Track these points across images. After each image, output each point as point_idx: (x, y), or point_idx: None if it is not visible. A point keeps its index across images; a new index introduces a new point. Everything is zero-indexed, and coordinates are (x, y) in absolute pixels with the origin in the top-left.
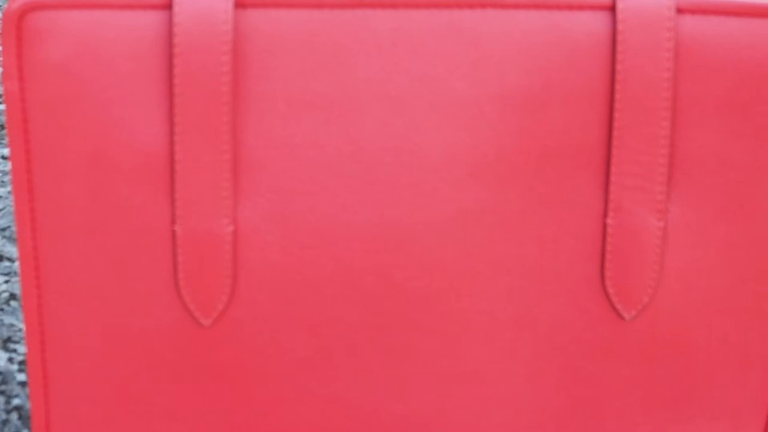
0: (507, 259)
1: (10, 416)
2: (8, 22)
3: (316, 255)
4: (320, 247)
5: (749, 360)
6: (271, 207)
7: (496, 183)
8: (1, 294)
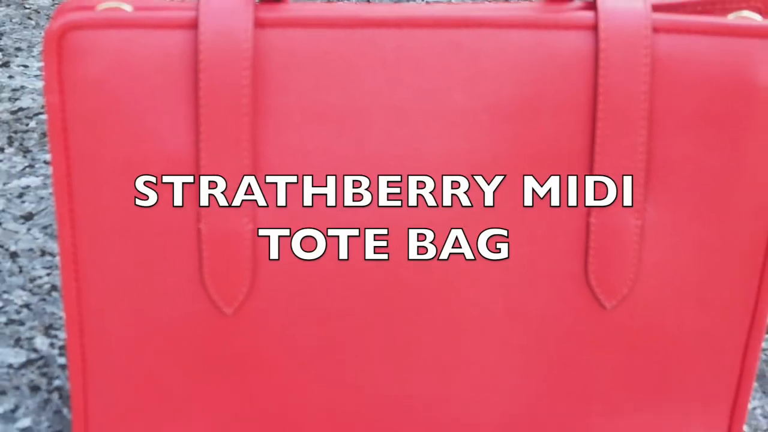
0: (500, 259)
1: (51, 396)
2: (50, 40)
3: (330, 251)
4: (333, 243)
5: (718, 347)
6: (288, 208)
7: (491, 187)
8: (44, 285)
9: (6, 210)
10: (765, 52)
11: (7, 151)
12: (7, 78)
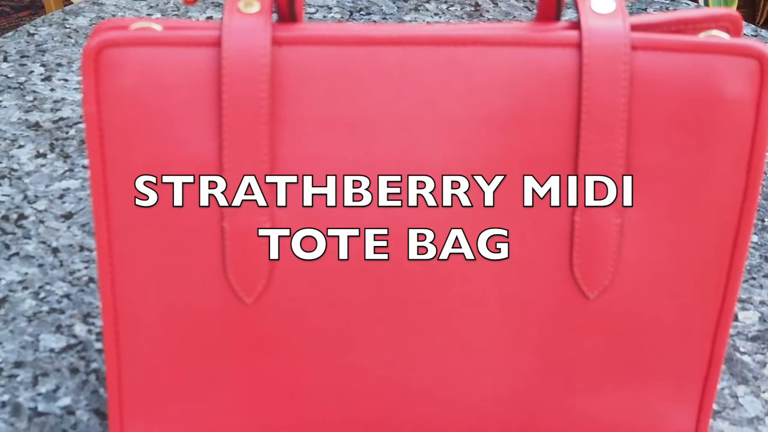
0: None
1: (89, 377)
2: (87, 57)
3: (340, 245)
4: (343, 239)
5: (690, 333)
6: (303, 208)
7: (484, 188)
8: (82, 277)
9: (48, 210)
10: (731, 67)
11: (49, 157)
12: (49, 91)
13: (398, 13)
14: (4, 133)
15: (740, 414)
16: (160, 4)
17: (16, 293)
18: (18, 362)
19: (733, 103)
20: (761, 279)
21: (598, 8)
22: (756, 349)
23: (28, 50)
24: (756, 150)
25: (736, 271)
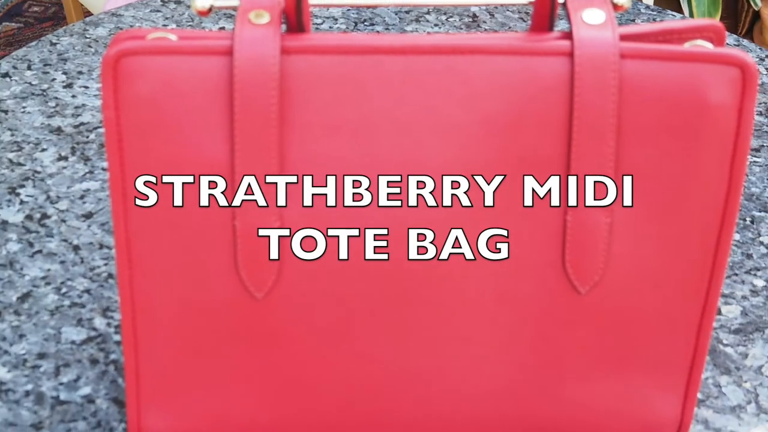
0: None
1: (108, 368)
2: (107, 65)
3: (346, 243)
4: (349, 237)
5: (676, 326)
6: (310, 207)
7: (482, 190)
8: (102, 273)
9: (69, 210)
10: (715, 75)
11: (70, 160)
12: (70, 97)
13: (400, 24)
14: (28, 137)
15: (723, 402)
16: (175, 15)
17: (39, 288)
18: (41, 353)
19: (717, 109)
20: (743, 275)
21: (589, 19)
22: (738, 341)
23: (50, 59)
24: (738, 153)
25: (720, 267)
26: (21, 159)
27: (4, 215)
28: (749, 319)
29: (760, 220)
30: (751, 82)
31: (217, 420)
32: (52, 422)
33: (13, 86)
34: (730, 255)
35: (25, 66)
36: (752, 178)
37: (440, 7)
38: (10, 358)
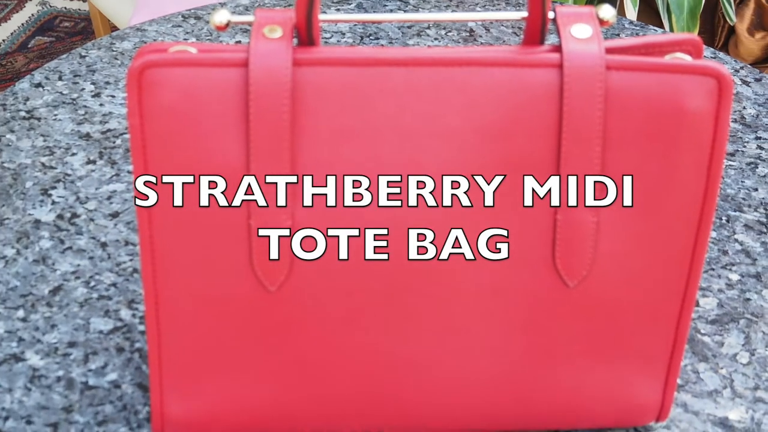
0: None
1: (133, 355)
2: (132, 76)
3: (352, 241)
4: (356, 235)
5: (657, 317)
6: (319, 207)
7: (479, 191)
8: (127, 268)
9: (97, 209)
10: (693, 85)
11: (98, 163)
12: (98, 106)
13: (403, 38)
14: (59, 142)
15: (701, 387)
16: (195, 30)
17: (69, 282)
18: (71, 342)
19: (695, 117)
20: (719, 270)
21: (577, 34)
22: (715, 331)
23: (80, 70)
24: (715, 157)
25: (698, 262)
26: (53, 163)
27: (37, 215)
28: (725, 310)
29: (735, 219)
30: (726, 91)
31: (234, 403)
32: (81, 406)
33: (45, 95)
34: (707, 251)
35: (56, 77)
36: (728, 180)
37: (440, 23)
38: (42, 347)
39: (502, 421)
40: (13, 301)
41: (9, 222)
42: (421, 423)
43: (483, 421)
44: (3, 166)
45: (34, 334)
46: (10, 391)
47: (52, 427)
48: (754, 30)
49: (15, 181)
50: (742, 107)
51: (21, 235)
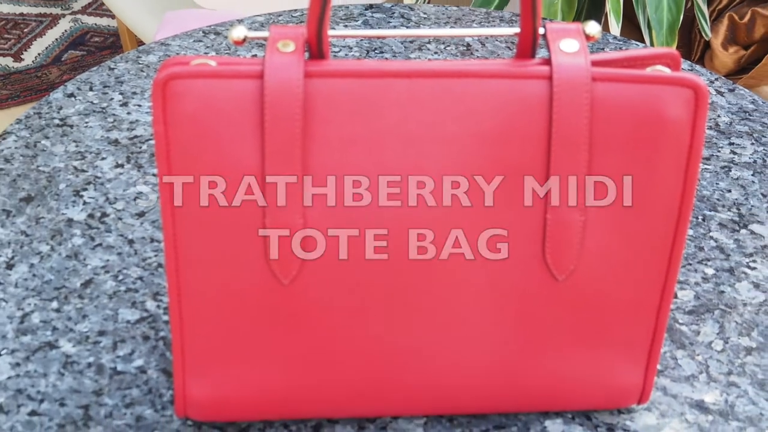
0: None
1: (158, 343)
2: (157, 87)
3: (359, 238)
4: (361, 233)
5: (639, 308)
6: (329, 208)
7: (475, 192)
8: (152, 263)
9: (125, 209)
10: (672, 95)
11: (126, 167)
12: (126, 114)
13: (405, 52)
14: (90, 147)
15: (679, 373)
16: (214, 44)
17: (99, 276)
18: (101, 331)
19: (673, 124)
20: (696, 265)
21: (565, 48)
22: (691, 321)
23: (109, 81)
24: (692, 161)
25: (676, 258)
26: (84, 166)
27: (69, 214)
28: (701, 302)
29: (710, 218)
30: (702, 101)
31: (249, 387)
32: (110, 389)
33: (77, 104)
34: (685, 248)
35: (87, 87)
36: (704, 183)
37: (439, 38)
38: (74, 335)
39: (497, 403)
40: (48, 294)
41: (44, 221)
42: (420, 407)
43: (478, 404)
44: (38, 169)
45: (67, 323)
46: (45, 376)
47: (83, 409)
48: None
49: (49, 183)
50: (717, 115)
51: (55, 233)
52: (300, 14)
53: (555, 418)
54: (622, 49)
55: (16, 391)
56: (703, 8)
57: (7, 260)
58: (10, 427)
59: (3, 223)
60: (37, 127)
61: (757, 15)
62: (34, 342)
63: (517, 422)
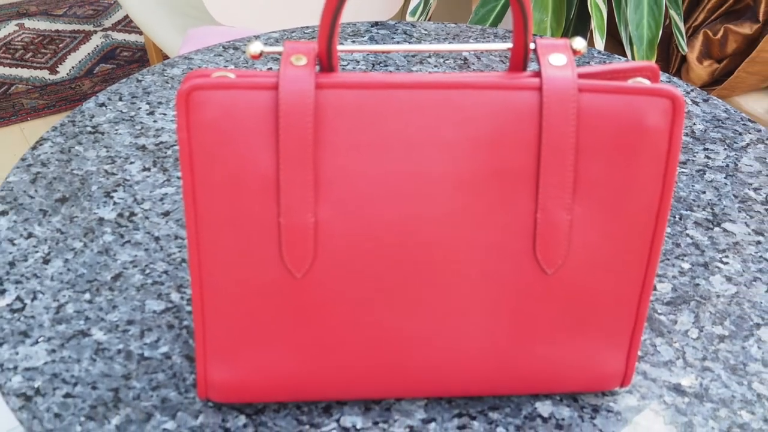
0: (477, 241)
1: (181, 331)
2: (181, 97)
3: (365, 236)
4: (368, 231)
5: (621, 299)
6: (337, 207)
7: (470, 194)
8: (176, 258)
9: (152, 209)
10: (651, 105)
11: (152, 170)
12: (152, 122)
13: (408, 65)
14: (119, 152)
15: (658, 358)
16: (233, 58)
17: (128, 270)
18: (130, 320)
19: (653, 131)
20: (673, 260)
21: (554, 62)
22: (669, 311)
23: (137, 92)
24: (669, 165)
25: (655, 253)
26: (114, 170)
27: (101, 213)
28: (678, 293)
29: (687, 217)
30: (679, 110)
31: (265, 371)
32: (138, 374)
33: (108, 113)
34: (663, 244)
35: (117, 97)
36: (680, 185)
37: (438, 52)
38: (105, 324)
39: (491, 386)
40: (81, 286)
41: (77, 219)
42: (422, 389)
43: (474, 388)
44: (72, 172)
45: (98, 313)
46: (78, 362)
47: (113, 392)
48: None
49: (83, 185)
50: (693, 123)
51: (87, 231)
52: (312, 31)
53: (545, 400)
54: (606, 62)
55: (52, 375)
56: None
57: (44, 255)
58: (46, 408)
59: (40, 221)
60: (71, 134)
61: (730, 32)
62: (68, 330)
63: (510, 404)
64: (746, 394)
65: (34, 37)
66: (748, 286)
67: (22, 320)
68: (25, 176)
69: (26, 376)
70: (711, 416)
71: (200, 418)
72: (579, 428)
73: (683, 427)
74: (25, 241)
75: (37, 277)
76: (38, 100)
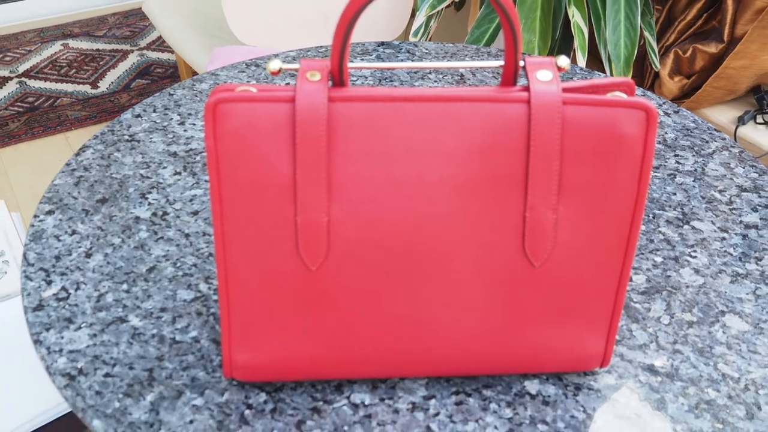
0: (473, 237)
1: (209, 318)
2: (208, 109)
3: (373, 234)
4: (375, 229)
5: (601, 289)
6: (348, 208)
7: (467, 196)
8: (205, 253)
9: (182, 209)
10: (628, 116)
11: (183, 174)
12: (183, 131)
13: (411, 80)
14: (153, 158)
15: (633, 342)
16: (255, 74)
17: (161, 263)
18: (162, 308)
19: (629, 139)
20: (647, 254)
21: (541, 77)
22: (644, 300)
23: (169, 105)
24: (644, 169)
25: (631, 248)
26: (149, 174)
27: (137, 213)
28: (652, 284)
29: (659, 216)
30: (653, 121)
31: (284, 353)
32: (170, 356)
33: (143, 123)
34: (638, 240)
35: (151, 109)
36: (653, 187)
37: (438, 69)
38: (141, 311)
39: (485, 367)
40: (119, 277)
41: (116, 218)
42: (423, 369)
43: (470, 368)
44: (112, 176)
45: (134, 302)
46: (117, 345)
47: (148, 372)
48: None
49: (121, 187)
50: (665, 132)
51: (125, 228)
52: (325, 50)
53: (533, 379)
54: (588, 78)
55: (93, 357)
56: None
57: (86, 250)
58: (88, 386)
59: (83, 220)
60: (110, 141)
61: (698, 51)
62: (108, 317)
63: (501, 382)
64: (712, 374)
65: (77, 56)
66: (714, 277)
67: (67, 308)
68: (70, 179)
69: (70, 358)
70: (681, 393)
71: (225, 395)
72: (563, 404)
73: (656, 403)
74: (70, 238)
75: (80, 270)
76: (81, 112)
